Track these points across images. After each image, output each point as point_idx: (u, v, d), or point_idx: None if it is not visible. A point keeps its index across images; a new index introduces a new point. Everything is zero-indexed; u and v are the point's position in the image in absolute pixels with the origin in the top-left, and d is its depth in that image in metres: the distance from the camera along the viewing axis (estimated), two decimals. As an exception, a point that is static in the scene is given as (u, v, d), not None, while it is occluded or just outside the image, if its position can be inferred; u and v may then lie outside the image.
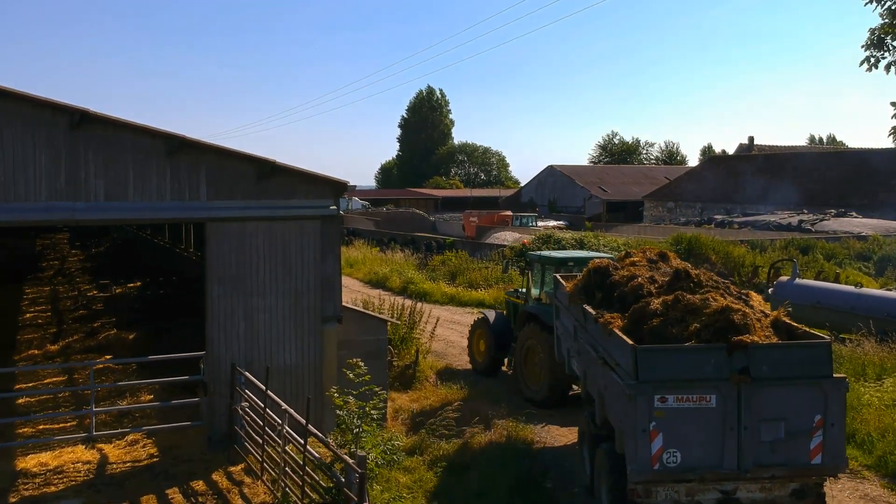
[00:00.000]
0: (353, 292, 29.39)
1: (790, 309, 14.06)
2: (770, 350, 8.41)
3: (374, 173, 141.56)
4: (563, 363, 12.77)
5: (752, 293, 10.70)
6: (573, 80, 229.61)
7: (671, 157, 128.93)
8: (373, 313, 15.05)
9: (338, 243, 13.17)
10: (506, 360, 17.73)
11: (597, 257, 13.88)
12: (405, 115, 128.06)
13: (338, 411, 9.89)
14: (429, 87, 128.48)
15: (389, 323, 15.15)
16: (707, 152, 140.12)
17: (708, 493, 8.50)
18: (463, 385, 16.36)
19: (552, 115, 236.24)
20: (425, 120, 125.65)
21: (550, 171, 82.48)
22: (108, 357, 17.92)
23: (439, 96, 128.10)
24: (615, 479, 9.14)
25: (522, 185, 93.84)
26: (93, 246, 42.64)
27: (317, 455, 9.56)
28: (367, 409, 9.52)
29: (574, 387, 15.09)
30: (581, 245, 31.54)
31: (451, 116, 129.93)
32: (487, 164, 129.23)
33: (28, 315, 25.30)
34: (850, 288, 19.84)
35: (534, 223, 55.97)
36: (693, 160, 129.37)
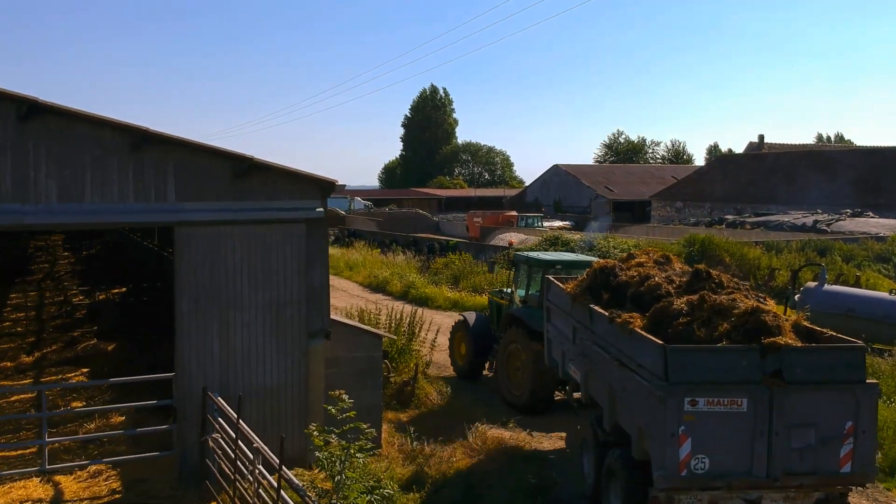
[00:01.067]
0: (351, 297, 28.02)
1: (809, 314, 12.93)
2: (804, 353, 8.13)
3: (378, 173, 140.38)
4: (556, 367, 12.32)
5: (767, 297, 10.41)
6: (578, 78, 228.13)
7: (677, 156, 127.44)
8: (366, 327, 13.61)
9: (325, 249, 11.69)
10: (487, 364, 17.09)
11: (586, 260, 13.66)
12: (408, 114, 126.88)
13: (317, 453, 8.45)
14: (432, 85, 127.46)
15: (386, 337, 13.77)
16: (713, 151, 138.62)
17: (732, 502, 8.15)
18: (445, 390, 15.67)
19: (557, 114, 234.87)
20: (429, 119, 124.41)
21: (556, 170, 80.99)
22: (70, 375, 16.51)
23: (443, 95, 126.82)
24: (631, 486, 8.72)
25: (527, 184, 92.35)
26: (84, 248, 41.27)
27: None
28: (353, 450, 8.06)
29: (558, 392, 14.69)
30: (591, 247, 30.08)
31: (454, 115, 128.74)
32: (491, 164, 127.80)
33: (7, 323, 23.93)
34: (885, 295, 18.37)
35: (539, 224, 54.52)
36: (699, 159, 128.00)
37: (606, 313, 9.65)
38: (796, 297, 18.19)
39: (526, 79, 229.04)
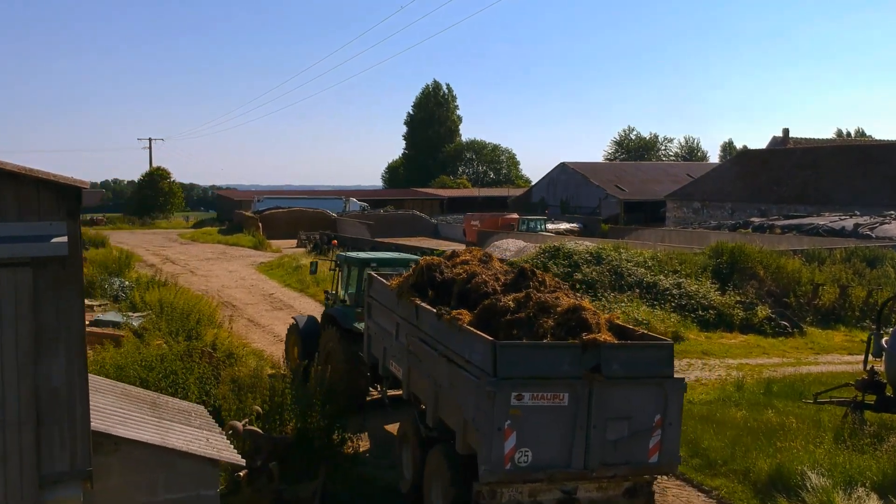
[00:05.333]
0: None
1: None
2: (620, 349, 8.42)
3: (382, 173, 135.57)
4: (377, 364, 12.41)
5: (584, 296, 11.12)
6: (587, 73, 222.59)
7: (691, 153, 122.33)
8: (190, 448, 7.50)
9: (76, 312, 6.41)
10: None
11: (402, 258, 14.05)
12: (411, 112, 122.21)
13: None
14: (435, 81, 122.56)
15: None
16: (728, 148, 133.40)
17: (550, 493, 8.35)
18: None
19: (565, 110, 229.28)
20: (432, 116, 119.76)
21: (563, 168, 75.87)
22: None
23: (446, 91, 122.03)
24: (455, 481, 8.65)
25: (533, 183, 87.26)
26: None
27: None
28: None
29: (372, 391, 14.67)
30: (598, 260, 24.92)
31: (458, 112, 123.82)
32: (497, 162, 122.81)
33: None
34: None
35: (542, 227, 49.33)
36: (713, 157, 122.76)
37: (434, 310, 9.63)
38: (883, 339, 13.09)
39: (533, 74, 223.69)
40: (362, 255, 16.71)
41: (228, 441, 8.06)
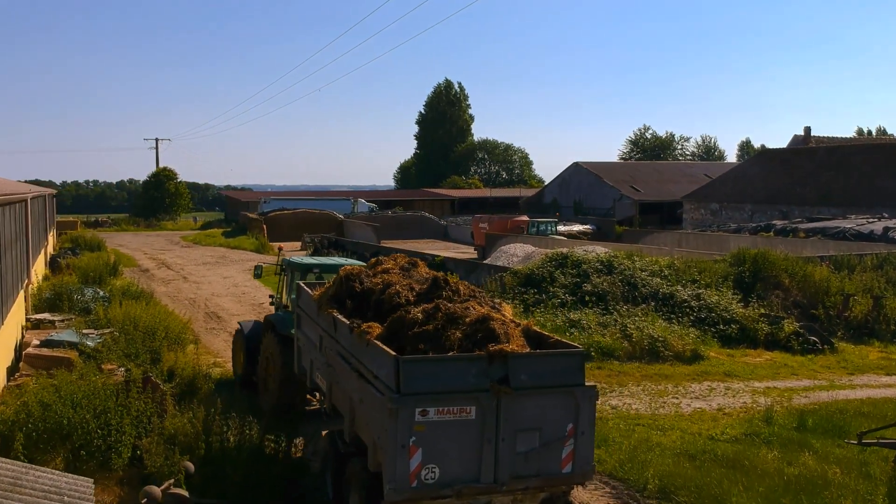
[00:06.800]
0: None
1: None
2: (528, 359, 8.19)
3: (394, 173, 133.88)
4: (305, 376, 12.08)
5: (504, 302, 10.18)
6: (602, 73, 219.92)
7: (708, 152, 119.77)
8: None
9: None
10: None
11: (347, 264, 13.60)
12: (422, 111, 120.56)
13: None
14: (447, 80, 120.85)
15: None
16: (745, 147, 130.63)
17: None
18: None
19: (579, 110, 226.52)
20: (444, 115, 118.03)
21: (576, 168, 73.77)
22: None
23: (458, 90, 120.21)
24: (369, 498, 8.36)
25: (546, 184, 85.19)
26: None
27: None
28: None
29: (313, 399, 14.41)
30: (610, 270, 22.99)
31: (470, 111, 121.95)
32: (509, 162, 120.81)
33: None
34: None
35: (553, 230, 47.32)
36: (731, 156, 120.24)
37: (348, 322, 9.36)
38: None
39: (547, 72, 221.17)
40: (306, 260, 16.51)
41: None
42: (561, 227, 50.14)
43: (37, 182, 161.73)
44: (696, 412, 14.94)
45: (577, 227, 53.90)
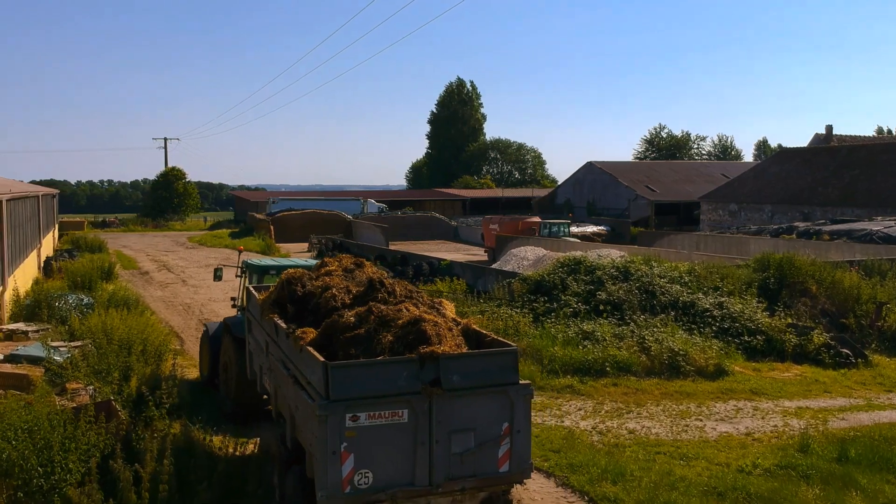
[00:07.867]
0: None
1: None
2: (460, 360, 8.06)
3: (406, 173, 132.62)
4: (256, 380, 11.79)
5: (445, 301, 10.03)
6: (617, 71, 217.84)
7: (725, 151, 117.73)
8: None
9: None
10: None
11: (302, 266, 13.34)
12: (434, 110, 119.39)
13: None
14: (458, 78, 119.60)
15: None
16: (763, 147, 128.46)
17: None
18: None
19: (594, 109, 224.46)
20: (455, 114, 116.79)
21: (589, 167, 72.18)
22: None
23: (470, 89, 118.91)
24: None
25: (559, 184, 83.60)
26: None
27: None
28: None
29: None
30: (626, 277, 21.52)
31: (482, 110, 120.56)
32: (522, 162, 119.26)
33: None
34: None
35: (566, 231, 45.82)
36: (748, 156, 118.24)
37: (285, 327, 9.27)
38: None
39: (560, 71, 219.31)
40: (264, 261, 16.36)
41: None
42: (574, 229, 48.67)
43: (51, 182, 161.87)
44: (722, 437, 13.49)
45: (590, 229, 52.44)
